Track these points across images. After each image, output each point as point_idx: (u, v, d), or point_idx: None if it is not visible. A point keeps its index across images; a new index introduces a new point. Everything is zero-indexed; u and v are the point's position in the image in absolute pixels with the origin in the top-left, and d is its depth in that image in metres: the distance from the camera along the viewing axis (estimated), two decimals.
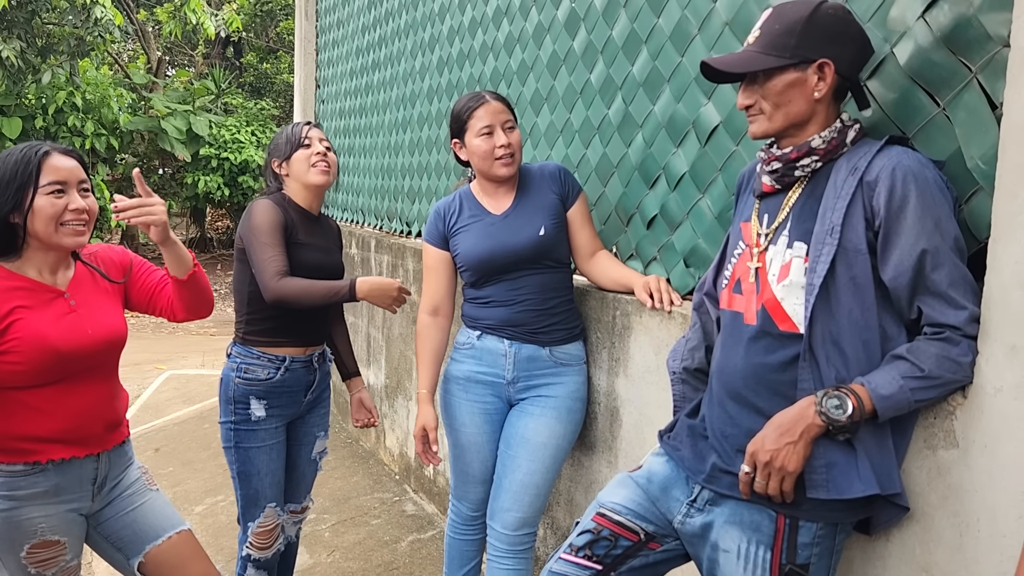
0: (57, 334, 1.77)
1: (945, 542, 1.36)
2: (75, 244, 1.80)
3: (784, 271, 1.45)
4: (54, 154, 1.77)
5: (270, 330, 2.34)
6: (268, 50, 15.78)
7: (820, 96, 1.42)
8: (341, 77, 5.21)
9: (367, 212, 4.66)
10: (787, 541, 1.41)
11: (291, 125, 2.42)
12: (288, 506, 2.54)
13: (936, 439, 1.37)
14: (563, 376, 2.28)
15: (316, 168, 2.36)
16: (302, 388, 2.41)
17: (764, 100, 1.46)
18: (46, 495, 1.79)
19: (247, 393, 2.32)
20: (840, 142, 1.45)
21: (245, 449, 2.34)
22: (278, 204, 2.33)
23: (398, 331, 3.92)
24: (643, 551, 1.60)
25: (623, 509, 1.62)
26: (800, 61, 1.41)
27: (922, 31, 1.45)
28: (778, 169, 1.49)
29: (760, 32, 1.46)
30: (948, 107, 1.42)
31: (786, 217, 1.48)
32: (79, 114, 9.70)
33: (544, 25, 2.72)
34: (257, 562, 2.43)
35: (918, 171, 1.32)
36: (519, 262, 2.22)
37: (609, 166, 2.43)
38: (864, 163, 1.38)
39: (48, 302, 1.80)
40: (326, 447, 2.60)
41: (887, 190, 1.33)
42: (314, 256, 2.36)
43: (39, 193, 1.73)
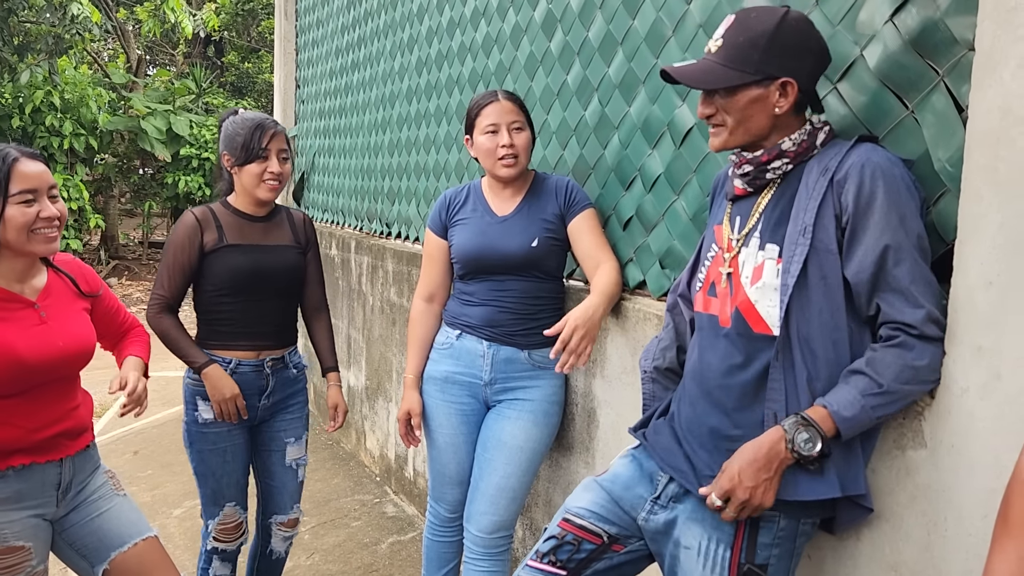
0: (26, 346, 1.74)
1: (913, 541, 1.37)
2: (48, 251, 1.79)
3: (757, 273, 1.45)
4: (23, 160, 1.74)
5: (219, 332, 2.32)
6: (250, 49, 15.68)
7: (781, 112, 1.43)
8: (321, 77, 5.18)
9: (347, 213, 4.64)
10: (747, 540, 1.42)
11: (253, 123, 2.27)
12: (275, 518, 2.51)
13: (905, 439, 1.38)
14: (540, 379, 2.27)
15: (265, 185, 2.30)
16: (253, 392, 2.36)
17: (726, 113, 1.46)
18: (8, 501, 1.77)
19: (195, 393, 2.32)
20: (810, 144, 1.46)
21: (199, 450, 2.34)
22: (201, 218, 2.29)
23: (378, 333, 3.91)
24: (607, 553, 1.61)
25: (586, 512, 1.62)
26: (764, 77, 1.41)
27: (891, 34, 1.46)
28: (749, 172, 1.50)
29: (723, 41, 1.45)
30: (916, 109, 1.43)
31: (758, 220, 1.49)
32: (57, 114, 9.60)
33: (521, 26, 2.72)
34: (223, 553, 2.44)
35: (886, 168, 1.33)
36: (507, 267, 2.22)
37: (586, 167, 2.43)
38: (835, 163, 1.39)
39: (17, 312, 1.77)
40: (303, 454, 2.54)
41: (855, 186, 1.34)
42: (247, 258, 2.30)
43: (9, 202, 1.70)
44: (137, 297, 10.06)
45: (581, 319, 1.92)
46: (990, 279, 1.23)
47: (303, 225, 2.52)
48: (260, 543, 2.57)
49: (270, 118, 2.32)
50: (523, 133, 2.22)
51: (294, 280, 2.44)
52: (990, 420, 1.24)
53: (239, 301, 2.32)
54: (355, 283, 4.24)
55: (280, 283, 2.39)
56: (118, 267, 11.92)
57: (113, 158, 11.83)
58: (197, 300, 2.35)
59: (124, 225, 14.24)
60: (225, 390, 2.27)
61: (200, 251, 2.28)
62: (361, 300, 4.15)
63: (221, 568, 2.46)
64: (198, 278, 2.31)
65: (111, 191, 12.45)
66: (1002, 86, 1.21)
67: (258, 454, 2.49)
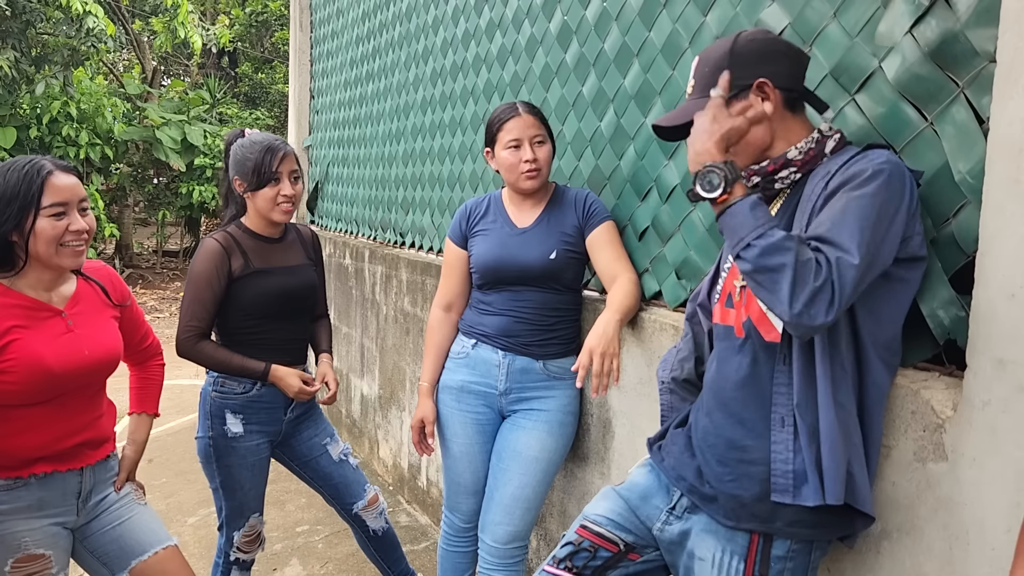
0: (53, 355, 1.76)
1: (935, 554, 1.36)
2: (75, 264, 1.80)
3: None
4: (56, 173, 1.75)
5: (246, 353, 2.31)
6: (263, 60, 15.80)
7: (772, 113, 1.45)
8: (335, 88, 5.22)
9: (361, 222, 4.66)
10: (760, 554, 1.42)
11: (263, 146, 2.26)
12: (356, 506, 2.55)
13: (926, 452, 1.37)
14: (556, 390, 2.27)
15: (280, 208, 2.30)
16: (280, 404, 2.39)
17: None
18: (30, 509, 1.79)
19: (223, 407, 2.32)
20: (818, 152, 1.46)
21: (227, 465, 2.34)
22: (226, 244, 2.29)
23: (392, 342, 3.92)
24: (623, 562, 1.62)
25: (604, 520, 1.64)
26: (740, 90, 1.45)
27: (910, 46, 1.46)
28: (758, 183, 1.51)
29: (695, 81, 1.52)
30: (936, 121, 1.43)
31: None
32: (73, 124, 9.68)
33: (537, 38, 2.74)
34: (243, 564, 2.46)
35: (885, 165, 1.31)
36: (525, 279, 2.23)
37: (601, 178, 2.43)
38: (836, 168, 1.39)
39: (45, 321, 1.79)
40: (344, 445, 2.58)
41: (848, 174, 1.33)
42: (275, 282, 2.33)
43: (41, 215, 1.72)
44: (151, 306, 10.12)
45: (596, 341, 1.95)
46: (1012, 291, 1.23)
47: (311, 240, 2.55)
48: (360, 532, 2.60)
49: (279, 139, 2.32)
50: (545, 146, 2.23)
51: (313, 297, 2.48)
52: (1013, 433, 1.23)
53: (267, 323, 2.34)
54: (369, 292, 4.25)
55: (304, 303, 2.43)
56: (132, 276, 12.00)
57: (128, 168, 11.93)
58: (221, 324, 2.35)
59: (138, 234, 14.36)
60: (295, 379, 2.30)
61: (228, 277, 2.28)
62: (375, 309, 4.16)
63: None
64: (225, 303, 2.30)
65: (126, 200, 12.55)
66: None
67: (305, 467, 2.51)
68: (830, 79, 1.64)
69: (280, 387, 2.32)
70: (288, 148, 2.31)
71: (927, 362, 1.46)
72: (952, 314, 1.38)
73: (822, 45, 1.66)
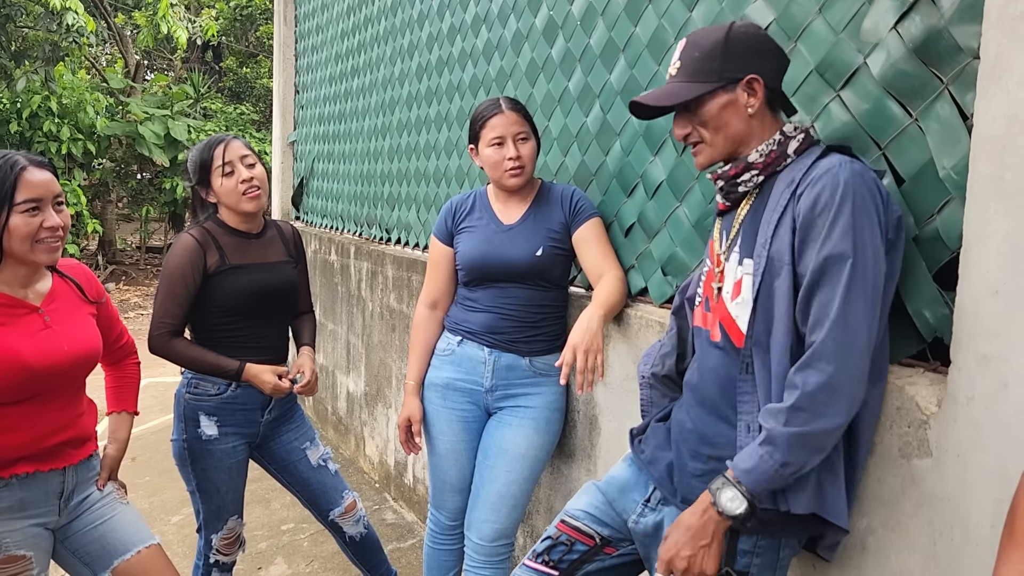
0: (31, 351, 1.74)
1: (920, 550, 1.36)
2: (50, 260, 1.77)
3: (736, 288, 1.46)
4: (30, 168, 1.72)
5: (221, 352, 2.27)
6: (248, 55, 15.69)
7: (754, 112, 1.45)
8: (320, 82, 5.18)
9: (346, 218, 4.64)
10: (727, 545, 1.42)
11: (204, 143, 2.29)
12: (334, 513, 2.51)
13: (910, 448, 1.38)
14: (542, 386, 2.27)
15: (247, 196, 2.27)
16: (256, 406, 2.34)
17: (702, 128, 1.48)
18: (11, 510, 1.76)
19: (196, 409, 2.28)
20: (780, 153, 1.45)
21: (203, 468, 2.30)
22: (202, 240, 2.25)
23: (378, 339, 3.90)
24: (599, 556, 1.65)
25: (582, 514, 1.67)
26: (728, 82, 1.44)
27: (895, 42, 1.46)
28: (722, 187, 1.51)
29: (681, 63, 1.50)
30: (920, 117, 1.43)
31: (736, 233, 1.50)
32: (55, 119, 9.58)
33: (523, 33, 2.72)
34: (223, 566, 2.43)
35: (848, 179, 1.30)
36: (511, 275, 2.21)
37: (587, 174, 2.43)
38: (800, 174, 1.39)
39: (22, 318, 1.77)
40: (325, 450, 2.54)
41: (812, 196, 1.32)
42: (251, 279, 2.29)
43: (14, 211, 1.69)
44: (135, 302, 10.04)
45: (579, 337, 1.93)
46: (996, 288, 1.23)
47: (292, 237, 2.51)
48: (338, 537, 2.57)
49: (221, 134, 2.30)
50: (528, 143, 2.22)
51: (292, 294, 2.44)
52: (997, 429, 1.23)
53: (243, 320, 2.30)
54: (354, 289, 4.23)
55: (282, 300, 2.39)
56: (115, 272, 11.89)
57: (111, 163, 11.82)
58: (196, 321, 2.31)
59: (122, 230, 14.23)
60: (268, 375, 2.27)
61: (203, 273, 2.24)
62: (361, 306, 4.14)
63: None
64: (200, 300, 2.26)
65: (109, 196, 12.43)
66: (1008, 95, 1.21)
67: (283, 471, 2.48)
68: (815, 75, 1.64)
69: (255, 384, 2.27)
70: (230, 137, 2.29)
71: (912, 358, 1.46)
72: (936, 310, 1.39)
73: (807, 41, 1.66)
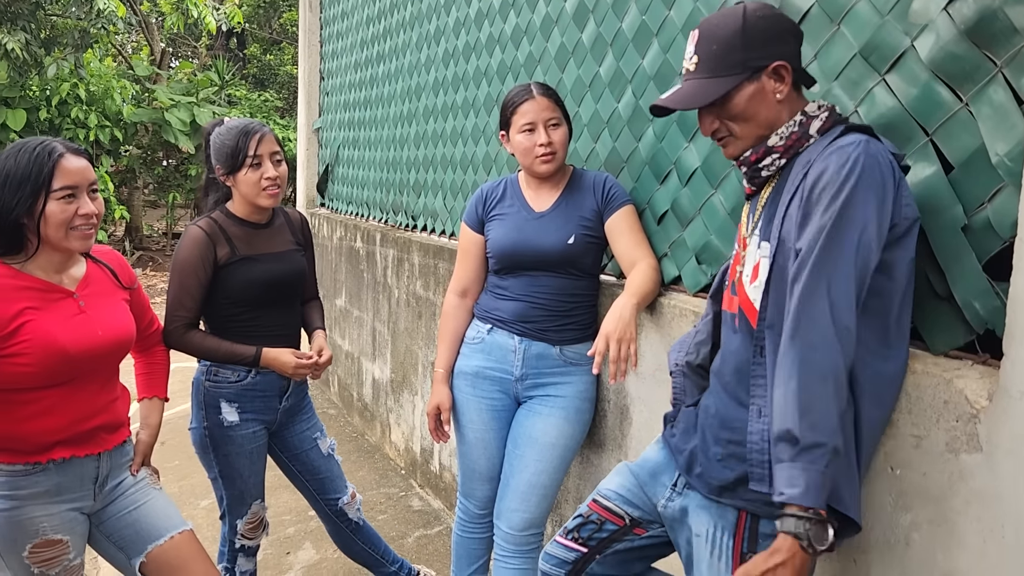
0: (67, 336, 1.75)
1: (968, 548, 1.32)
2: (84, 247, 1.78)
3: (755, 272, 1.45)
4: (67, 155, 1.73)
5: (235, 336, 2.28)
6: (271, 41, 15.71)
7: (782, 97, 1.42)
8: (345, 69, 5.17)
9: (372, 205, 4.63)
10: (748, 531, 1.43)
11: (239, 129, 2.22)
12: (341, 501, 2.54)
13: (959, 443, 1.34)
14: (572, 376, 2.25)
15: (266, 192, 2.24)
16: (275, 393, 2.35)
17: (731, 122, 1.45)
18: (48, 494, 1.78)
19: (217, 396, 2.29)
20: (802, 134, 1.43)
21: (224, 455, 2.31)
22: (211, 232, 2.24)
23: (403, 326, 3.90)
24: (628, 536, 1.67)
25: (613, 495, 1.69)
26: (753, 71, 1.41)
27: (945, 24, 1.41)
28: (746, 172, 1.50)
29: (698, 57, 1.45)
30: (971, 102, 1.38)
31: (759, 217, 1.48)
32: (83, 106, 9.65)
33: (552, 17, 2.68)
34: (248, 550, 2.45)
35: (858, 157, 1.28)
36: (543, 264, 2.19)
37: (619, 161, 2.39)
38: (815, 155, 1.36)
39: (57, 303, 1.78)
40: (332, 441, 2.58)
41: (816, 174, 1.31)
42: (262, 269, 2.28)
43: (51, 198, 1.70)
44: (161, 288, 10.13)
45: (612, 326, 1.89)
46: None
47: (300, 225, 2.50)
48: (340, 526, 2.58)
49: (256, 122, 2.27)
50: (560, 129, 2.19)
51: (302, 282, 2.44)
52: None
53: (256, 310, 2.30)
54: (380, 276, 4.23)
55: (293, 288, 2.39)
56: (142, 258, 12.00)
57: (137, 150, 11.90)
58: (209, 313, 2.31)
59: (148, 216, 14.35)
60: (288, 356, 2.27)
61: (214, 265, 2.23)
62: (386, 293, 4.14)
63: (246, 563, 2.47)
64: (211, 291, 2.26)
65: (135, 182, 12.52)
66: None
67: (295, 459, 2.49)
68: (859, 59, 1.59)
69: (275, 368, 2.27)
70: (265, 129, 2.25)
71: (959, 350, 1.42)
72: (987, 302, 1.34)
73: (851, 23, 1.61)
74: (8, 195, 1.68)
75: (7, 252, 1.74)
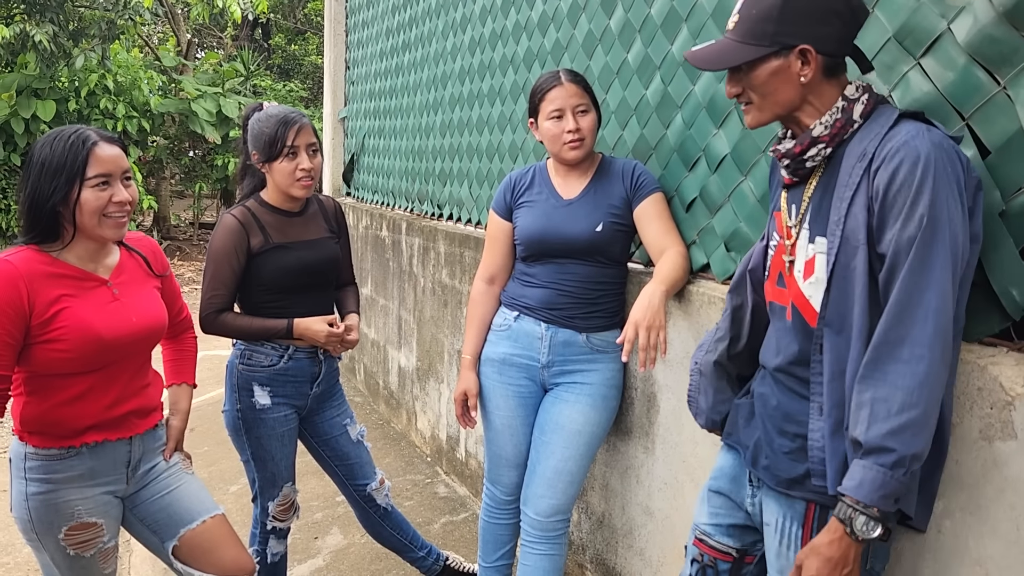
0: (102, 323, 1.78)
1: (1001, 536, 1.32)
2: (116, 236, 1.81)
3: (809, 268, 1.42)
4: (101, 143, 1.75)
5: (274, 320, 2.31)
6: (296, 31, 15.78)
7: (808, 80, 1.38)
8: (371, 58, 5.18)
9: (398, 194, 4.64)
10: (817, 521, 1.42)
11: (278, 119, 2.24)
12: (369, 487, 2.58)
13: (993, 430, 1.33)
14: (599, 363, 2.25)
15: (299, 183, 2.27)
16: (307, 379, 2.39)
17: (751, 91, 1.43)
18: (82, 478, 1.82)
19: (250, 380, 2.33)
20: (846, 120, 1.39)
21: (257, 437, 2.35)
22: (244, 220, 2.27)
23: (429, 314, 3.92)
24: (743, 569, 1.64)
25: (711, 529, 1.66)
26: (781, 47, 1.37)
27: (982, 6, 1.39)
28: (788, 165, 1.46)
29: (739, 17, 1.42)
30: (1009, 85, 1.36)
31: (806, 209, 1.45)
32: (111, 96, 9.76)
33: (580, 4, 2.67)
34: (280, 532, 2.49)
35: (927, 153, 1.24)
36: (570, 251, 2.19)
37: (647, 147, 2.38)
38: (873, 146, 1.32)
39: (92, 290, 1.81)
40: (362, 428, 2.61)
41: (889, 173, 1.27)
42: (295, 256, 2.31)
43: (85, 186, 1.72)
44: (189, 277, 10.25)
45: (641, 314, 1.89)
46: None
47: (334, 212, 2.52)
48: (369, 511, 2.62)
49: (295, 111, 2.28)
50: (588, 115, 2.18)
51: (336, 269, 2.46)
52: None
53: (289, 296, 2.33)
54: (406, 264, 4.25)
55: (326, 275, 2.42)
56: (170, 247, 12.15)
57: (164, 140, 12.02)
58: (244, 299, 2.35)
59: (175, 206, 14.52)
60: (320, 324, 2.30)
61: (247, 253, 2.27)
62: (412, 281, 4.16)
63: (277, 546, 2.50)
64: (245, 278, 2.30)
65: (163, 173, 12.67)
66: None
67: (325, 444, 2.53)
68: (893, 42, 1.57)
69: (308, 337, 2.30)
70: (304, 120, 2.27)
71: (995, 337, 1.41)
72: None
73: (886, 6, 1.59)
74: (44, 183, 1.71)
75: (44, 240, 1.77)
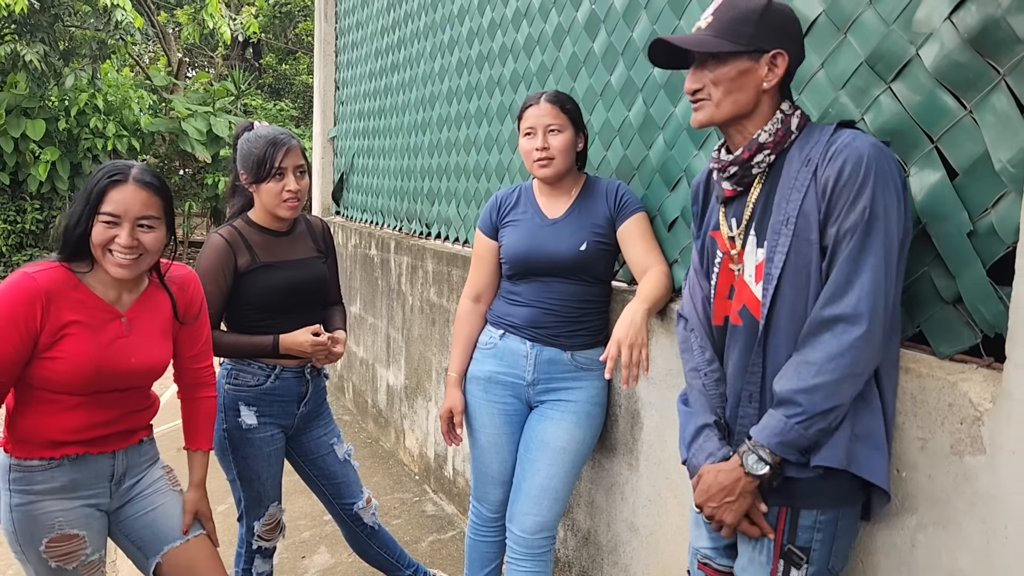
0: (101, 357, 1.79)
1: (972, 549, 1.34)
2: (118, 275, 1.79)
3: (759, 272, 1.49)
4: (124, 184, 1.76)
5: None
6: (287, 51, 15.87)
7: (769, 87, 1.47)
8: (360, 79, 5.23)
9: (386, 213, 4.68)
10: (788, 523, 1.46)
11: (267, 140, 2.24)
12: (356, 505, 2.59)
13: (963, 444, 1.36)
14: (583, 380, 2.27)
15: (286, 204, 2.28)
16: (294, 398, 2.40)
17: (713, 86, 1.49)
18: (63, 490, 1.83)
19: (236, 399, 2.33)
20: (786, 131, 1.49)
21: (243, 456, 2.36)
22: (231, 240, 2.28)
23: (418, 332, 3.93)
24: None
25: (711, 552, 1.69)
26: (755, 50, 1.45)
27: (948, 33, 1.44)
28: (735, 172, 1.53)
29: (713, 18, 1.49)
30: (975, 110, 1.40)
31: (751, 216, 1.52)
32: (101, 116, 9.79)
33: (564, 27, 2.72)
34: (265, 551, 2.49)
35: (871, 154, 1.36)
36: (555, 270, 2.22)
37: (630, 168, 2.42)
38: (817, 152, 1.42)
39: (104, 323, 1.82)
40: (349, 447, 2.63)
41: (836, 170, 1.38)
42: (282, 276, 2.32)
43: (97, 220, 1.75)
44: None
45: (624, 332, 1.94)
46: None
47: (322, 232, 2.54)
48: (356, 530, 2.62)
49: (285, 132, 2.30)
50: (560, 135, 2.21)
51: (323, 289, 2.48)
52: None
53: (276, 316, 2.34)
54: (395, 283, 4.27)
55: (313, 295, 2.43)
56: None
57: (155, 159, 12.05)
58: (231, 318, 2.36)
59: None
60: (304, 335, 2.30)
61: (235, 273, 2.28)
62: (400, 300, 4.18)
63: (263, 565, 2.50)
64: (233, 298, 2.31)
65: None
66: None
67: (311, 463, 2.54)
68: (865, 67, 1.61)
69: (294, 349, 2.30)
70: (293, 142, 2.28)
71: (964, 354, 1.44)
72: (991, 306, 1.36)
73: (857, 32, 1.64)
74: (77, 206, 1.77)
75: (73, 259, 1.79)
